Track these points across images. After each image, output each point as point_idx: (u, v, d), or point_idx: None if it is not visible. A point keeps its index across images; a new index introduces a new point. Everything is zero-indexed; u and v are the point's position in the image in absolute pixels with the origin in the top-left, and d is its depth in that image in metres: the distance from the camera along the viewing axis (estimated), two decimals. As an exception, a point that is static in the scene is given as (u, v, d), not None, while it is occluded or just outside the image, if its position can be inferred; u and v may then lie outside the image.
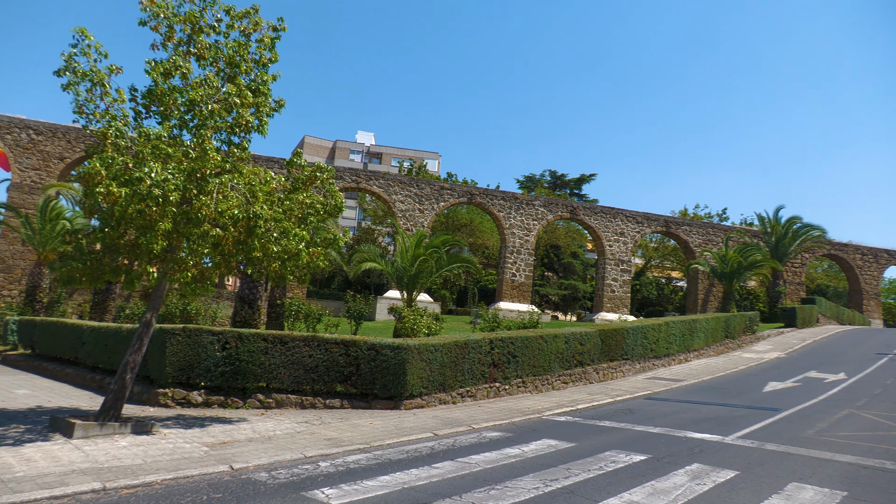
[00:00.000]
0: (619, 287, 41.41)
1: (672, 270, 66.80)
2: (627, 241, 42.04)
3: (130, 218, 8.07)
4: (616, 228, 41.88)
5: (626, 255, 41.90)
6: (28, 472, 6.81)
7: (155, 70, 8.92)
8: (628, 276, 41.90)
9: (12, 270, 31.65)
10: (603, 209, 42.08)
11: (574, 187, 70.42)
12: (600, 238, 41.61)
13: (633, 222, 42.41)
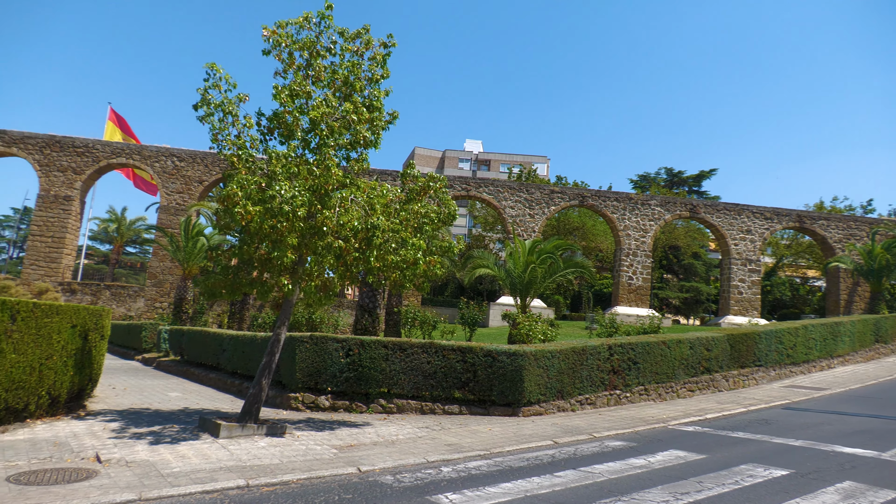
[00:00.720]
0: (747, 288, 38.67)
1: (808, 269, 61.34)
2: (755, 238, 39.20)
3: (264, 233, 8.71)
4: (741, 226, 39.20)
5: (754, 254, 39.06)
6: (183, 467, 7.49)
7: (281, 94, 9.58)
8: (757, 276, 39.02)
9: (163, 285, 35.10)
10: (726, 206, 39.56)
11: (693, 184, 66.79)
12: (724, 237, 39.13)
13: (760, 218, 39.49)
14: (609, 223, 40.31)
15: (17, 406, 9.04)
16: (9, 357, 8.61)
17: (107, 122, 41.57)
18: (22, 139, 35.70)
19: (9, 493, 6.16)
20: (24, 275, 34.99)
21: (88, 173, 36.04)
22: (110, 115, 41.87)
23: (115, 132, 41.23)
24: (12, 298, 8.80)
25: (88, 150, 36.19)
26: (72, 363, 10.18)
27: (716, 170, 65.91)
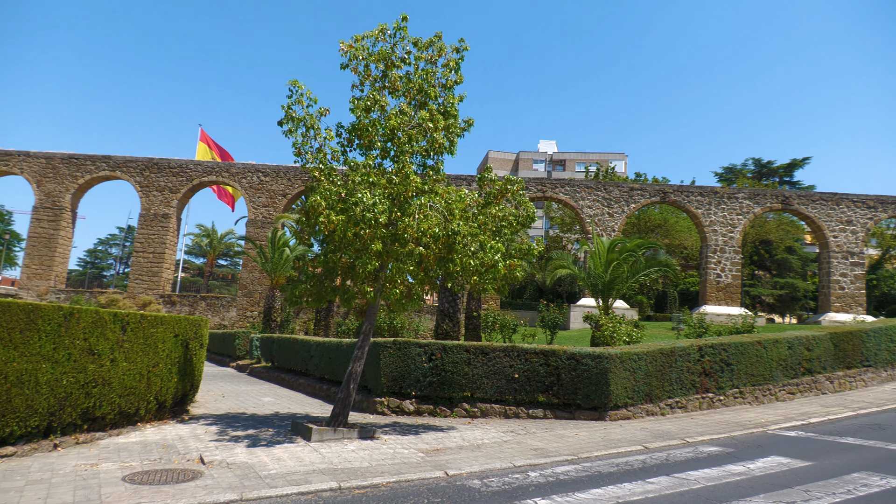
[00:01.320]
0: (850, 283, 36.03)
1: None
2: (857, 229, 36.49)
3: (348, 242, 8.99)
4: (841, 216, 36.60)
5: (857, 247, 36.36)
6: (279, 470, 7.81)
7: (358, 107, 9.85)
8: (860, 270, 36.29)
9: (253, 294, 36.82)
10: (822, 196, 37.08)
11: (784, 174, 63.03)
12: (821, 228, 36.67)
13: (862, 208, 36.73)
14: (693, 219, 38.72)
15: (129, 411, 9.74)
16: (121, 365, 9.29)
17: (198, 142, 44.17)
18: (125, 163, 38.52)
19: (125, 492, 6.63)
20: (130, 288, 37.68)
21: (183, 192, 38.39)
22: (201, 135, 44.44)
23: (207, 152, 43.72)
24: (122, 311, 9.49)
25: (183, 170, 38.56)
26: (175, 370, 10.85)
27: (809, 158, 61.96)
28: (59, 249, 38.05)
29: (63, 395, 8.32)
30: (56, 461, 7.80)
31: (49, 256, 37.55)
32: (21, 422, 7.79)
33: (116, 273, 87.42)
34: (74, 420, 8.68)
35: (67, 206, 38.20)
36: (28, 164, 38.25)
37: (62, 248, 38.38)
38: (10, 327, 7.55)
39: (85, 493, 6.50)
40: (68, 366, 8.34)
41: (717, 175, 66.34)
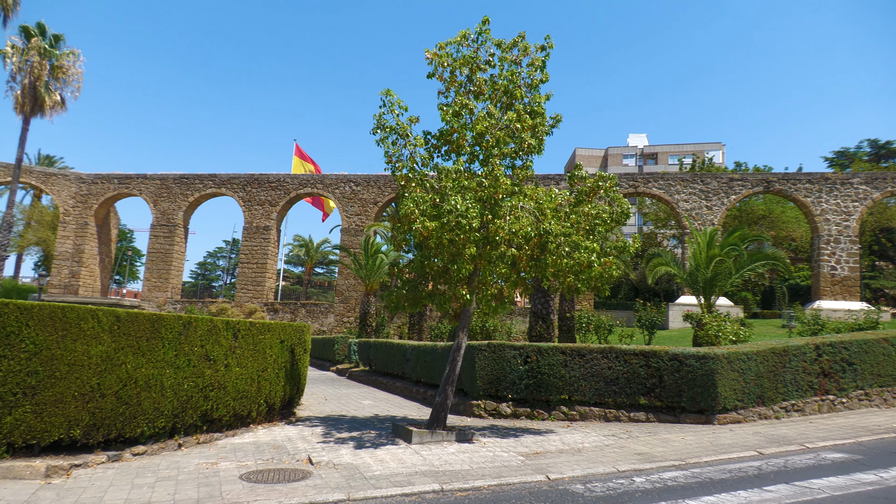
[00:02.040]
0: None
1: None
2: None
3: (442, 247, 9.11)
4: (979, 198, 32.90)
5: None
6: (383, 471, 8.01)
7: (447, 113, 9.97)
8: None
9: (349, 301, 38.09)
10: (955, 176, 33.51)
11: (906, 155, 57.50)
12: (955, 212, 33.12)
13: None
14: (802, 208, 36.15)
15: (242, 413, 10.33)
16: (234, 370, 9.88)
17: (293, 157, 46.32)
18: (228, 180, 41.07)
19: (242, 489, 7.03)
20: (237, 297, 40.05)
21: (282, 204, 40.39)
22: (296, 150, 46.58)
23: (302, 165, 45.77)
24: (234, 319, 10.10)
25: (280, 184, 40.57)
26: (282, 374, 11.41)
27: (936, 135, 56.08)
28: (174, 263, 41.06)
29: (185, 398, 8.96)
30: (181, 460, 8.41)
31: (166, 270, 40.61)
32: (150, 423, 8.45)
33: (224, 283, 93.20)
34: (195, 421, 9.32)
35: (180, 223, 41.17)
36: (146, 185, 41.62)
37: (177, 261, 41.39)
38: (138, 336, 8.23)
39: (208, 489, 6.95)
40: (188, 371, 8.98)
41: (828, 160, 61.58)
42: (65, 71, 29.08)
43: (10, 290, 36.37)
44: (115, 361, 7.91)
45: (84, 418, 7.58)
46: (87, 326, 7.63)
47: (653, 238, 51.62)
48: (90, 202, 41.91)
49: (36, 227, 52.13)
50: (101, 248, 43.20)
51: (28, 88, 27.97)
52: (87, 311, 7.68)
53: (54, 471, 7.20)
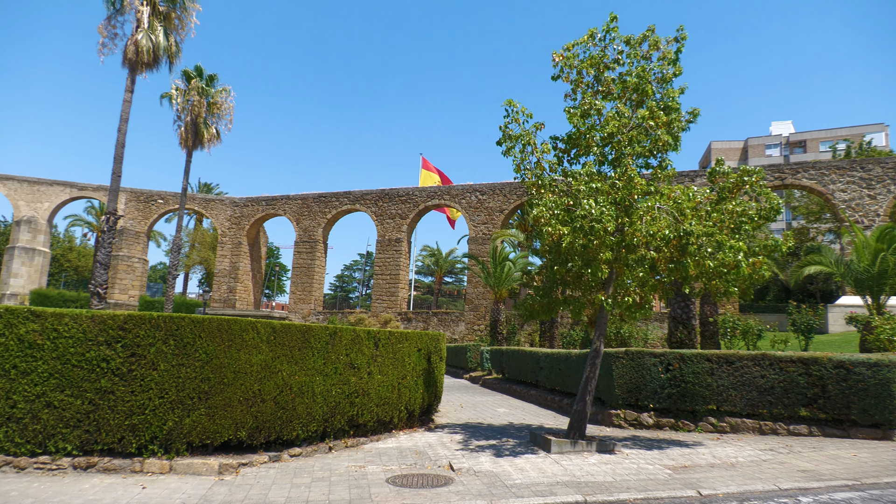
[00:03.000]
0: None
1: None
2: None
3: (576, 252, 8.94)
4: None
5: None
6: (523, 480, 7.97)
7: (574, 115, 9.81)
8: None
9: (478, 309, 38.50)
10: None
11: None
12: None
13: None
14: None
15: (385, 419, 10.78)
16: (376, 378, 10.34)
17: (421, 170, 47.82)
18: (362, 196, 43.27)
19: (389, 493, 7.32)
20: (373, 308, 41.95)
21: (411, 217, 41.81)
22: (423, 163, 48.06)
23: (429, 177, 47.13)
24: (373, 329, 10.59)
25: (409, 198, 42.04)
26: (421, 382, 11.76)
27: None
28: (316, 276, 43.88)
29: (333, 404, 9.51)
30: (332, 462, 8.92)
31: (309, 283, 43.51)
32: (303, 426, 9.07)
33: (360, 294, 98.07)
34: (343, 426, 9.86)
35: (320, 239, 43.98)
36: (289, 205, 44.98)
37: (318, 275, 44.21)
38: (291, 346, 8.88)
39: (358, 491, 7.31)
40: (335, 378, 9.53)
41: None
42: (219, 106, 32.31)
43: (180, 306, 40.82)
44: (273, 369, 8.59)
45: (248, 421, 8.30)
46: (248, 337, 8.36)
47: (804, 233, 47.09)
48: (243, 223, 46.02)
49: (199, 248, 58.23)
50: (252, 264, 47.22)
51: (190, 125, 31.39)
52: (248, 323, 8.42)
53: (225, 468, 7.94)
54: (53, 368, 7.60)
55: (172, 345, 7.87)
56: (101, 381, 7.66)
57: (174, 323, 7.93)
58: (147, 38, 22.87)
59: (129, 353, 7.77)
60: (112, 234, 22.38)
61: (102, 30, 22.82)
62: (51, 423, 7.56)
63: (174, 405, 7.81)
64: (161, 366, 7.80)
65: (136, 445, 7.75)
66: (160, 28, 23.36)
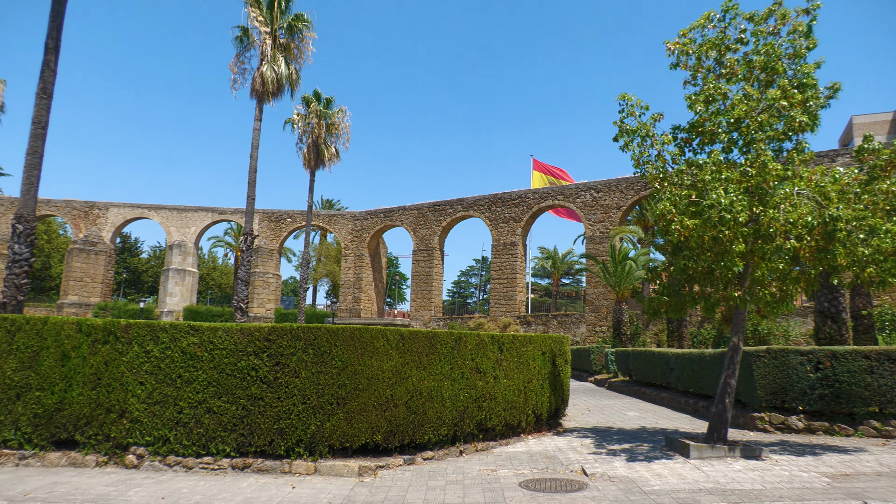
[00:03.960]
0: None
1: None
2: None
3: (706, 247, 8.46)
4: None
5: None
6: (662, 486, 7.65)
7: (696, 102, 9.31)
8: None
9: (599, 310, 37.49)
10: None
11: None
12: None
13: None
14: None
15: (512, 423, 10.79)
16: (502, 382, 10.39)
17: (532, 172, 47.48)
18: (475, 202, 43.71)
19: (523, 497, 7.31)
20: (492, 312, 42.16)
21: (525, 220, 41.61)
22: (534, 165, 47.71)
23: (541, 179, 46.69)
24: (496, 333, 10.66)
25: (522, 200, 41.87)
26: (546, 385, 11.65)
27: None
28: (435, 284, 44.87)
29: (462, 408, 9.68)
30: (463, 465, 9.07)
31: (428, 290, 44.57)
32: (434, 430, 9.30)
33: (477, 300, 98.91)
34: (472, 430, 9.99)
35: (436, 247, 44.94)
36: (405, 216, 46.42)
37: (436, 282, 45.18)
38: (419, 352, 9.15)
39: (492, 495, 7.38)
40: (462, 383, 9.69)
41: None
42: (336, 127, 34.14)
43: (310, 317, 43.39)
44: (403, 375, 8.90)
45: (383, 425, 8.66)
46: (378, 344, 8.73)
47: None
48: (363, 236, 48.11)
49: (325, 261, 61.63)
50: (374, 275, 49.19)
51: (311, 147, 33.41)
52: (378, 331, 8.79)
53: (364, 470, 8.32)
54: (211, 377, 8.37)
55: (311, 353, 8.40)
56: (251, 388, 8.34)
57: (312, 333, 8.46)
58: (271, 69, 24.65)
59: (275, 362, 8.39)
60: (250, 253, 24.26)
61: (233, 66, 24.93)
62: (211, 426, 8.33)
63: (315, 410, 8.31)
64: (302, 373, 8.35)
65: (284, 448, 8.33)
66: (281, 58, 25.10)
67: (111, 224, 47.90)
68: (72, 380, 8.51)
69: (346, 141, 34.88)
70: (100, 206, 47.92)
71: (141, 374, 8.46)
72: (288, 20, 25.58)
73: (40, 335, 8.68)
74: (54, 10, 14.77)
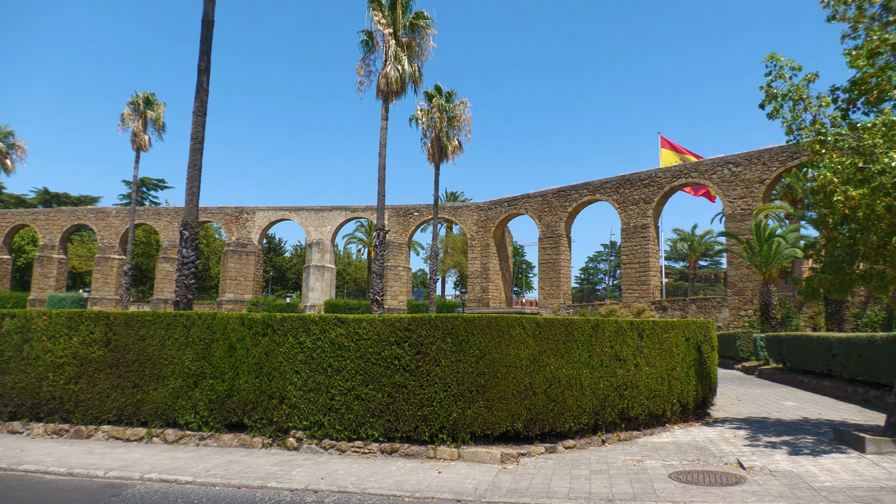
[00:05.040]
0: None
1: None
2: None
3: (878, 217, 7.54)
4: None
5: None
6: (834, 482, 6.97)
7: (857, 57, 8.30)
8: None
9: (743, 292, 34.92)
10: None
11: None
12: None
13: None
14: None
15: (656, 412, 10.36)
16: (643, 370, 10.00)
17: (660, 150, 45.12)
18: (601, 185, 42.37)
19: (675, 489, 6.99)
20: (624, 298, 40.72)
21: (656, 200, 39.65)
22: (662, 142, 45.30)
23: (671, 157, 44.25)
24: (635, 319, 10.27)
25: (652, 180, 39.93)
26: (692, 373, 11.05)
27: None
28: (562, 271, 44.15)
29: (602, 397, 9.44)
30: (606, 455, 8.85)
31: (556, 278, 43.97)
32: (574, 419, 9.17)
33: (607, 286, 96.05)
34: (613, 419, 9.73)
35: (563, 233, 44.16)
36: (529, 203, 46.05)
37: (564, 269, 44.43)
38: (556, 339, 9.05)
39: (640, 486, 7.13)
40: (602, 371, 9.45)
41: None
42: (458, 119, 34.60)
43: (441, 307, 44.48)
44: (540, 363, 8.85)
45: (522, 413, 8.67)
46: (515, 333, 8.74)
47: None
48: (488, 226, 48.41)
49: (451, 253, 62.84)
50: (501, 264, 49.36)
51: (435, 141, 34.14)
52: (514, 319, 8.80)
53: (506, 458, 8.39)
54: (358, 366, 8.85)
55: (450, 342, 8.59)
56: (395, 376, 8.70)
57: (449, 322, 8.66)
58: (394, 68, 25.46)
59: (416, 351, 8.69)
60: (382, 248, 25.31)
61: (359, 69, 26.07)
62: (360, 412, 8.80)
63: (456, 398, 8.51)
64: (442, 362, 8.57)
65: (428, 434, 8.61)
66: (404, 57, 25.83)
67: (258, 226, 52.11)
68: (238, 369, 9.37)
69: (467, 132, 35.25)
70: (248, 210, 52.28)
71: (296, 364, 9.13)
72: (409, 19, 26.23)
73: (210, 329, 9.65)
74: (203, 36, 16.26)
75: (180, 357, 9.65)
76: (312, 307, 48.56)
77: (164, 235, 52.45)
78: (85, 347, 10.00)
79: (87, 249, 65.79)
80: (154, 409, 9.67)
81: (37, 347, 10.20)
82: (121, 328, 9.97)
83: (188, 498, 6.86)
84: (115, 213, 53.81)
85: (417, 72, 26.39)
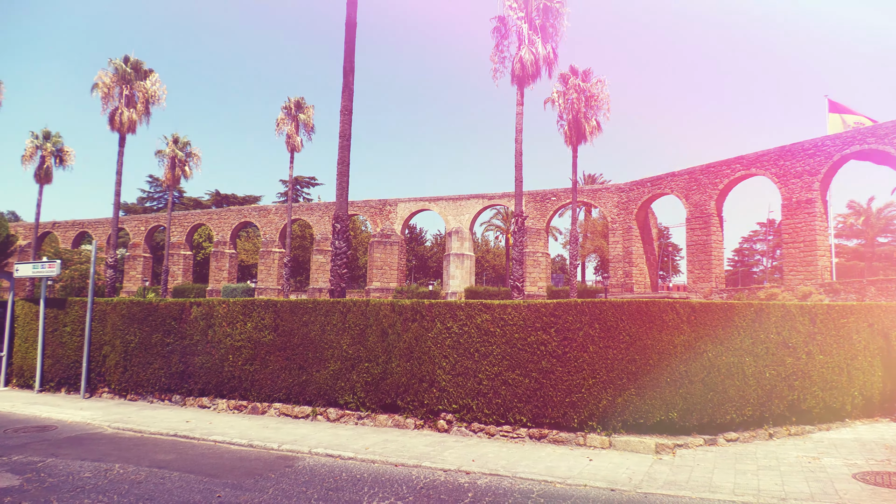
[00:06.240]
0: None
1: None
2: None
3: None
4: None
5: None
6: None
7: None
8: None
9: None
10: None
11: None
12: None
13: None
14: None
15: (833, 405, 9.36)
16: (817, 358, 9.07)
17: (828, 115, 40.40)
18: (756, 159, 38.88)
19: (861, 491, 6.28)
20: (787, 281, 37.15)
21: (824, 172, 35.64)
22: (829, 106, 40.53)
23: (840, 123, 39.48)
24: (808, 303, 9.32)
25: (818, 150, 35.91)
26: (877, 363, 9.83)
27: None
28: (714, 253, 41.21)
29: (768, 387, 8.71)
30: (775, 450, 8.16)
31: (706, 260, 41.16)
32: (737, 410, 8.55)
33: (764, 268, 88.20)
34: (782, 412, 8.94)
35: (713, 212, 41.17)
36: (675, 182, 43.45)
37: (715, 251, 41.45)
38: (713, 325, 8.47)
39: (819, 485, 6.49)
40: (767, 359, 8.71)
41: None
42: (596, 99, 33.43)
43: (581, 293, 43.49)
44: (697, 350, 8.34)
45: (678, 402, 8.24)
46: (667, 318, 8.31)
47: None
48: (630, 208, 46.43)
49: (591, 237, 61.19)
50: (645, 247, 47.16)
51: (572, 123, 33.29)
52: (666, 304, 8.37)
53: (661, 448, 8.03)
54: (504, 351, 8.91)
55: (598, 328, 8.37)
56: (541, 362, 8.65)
57: (597, 308, 8.43)
58: (528, 51, 25.13)
59: (562, 336, 8.57)
60: (521, 234, 25.22)
61: (493, 57, 26.06)
62: (508, 397, 8.87)
63: (606, 385, 8.28)
64: (590, 348, 8.37)
65: (577, 421, 8.47)
66: (537, 39, 25.40)
67: (400, 218, 54.28)
68: (391, 353, 9.85)
69: (606, 111, 33.95)
70: (390, 202, 54.65)
71: (444, 349, 9.40)
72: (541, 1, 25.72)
73: (364, 315, 10.22)
74: (347, 39, 17.13)
75: (338, 341, 10.33)
76: (453, 294, 49.73)
77: (316, 229, 56.40)
78: (257, 332, 11.05)
79: (253, 244, 72.64)
80: (317, 390, 10.46)
81: (218, 332, 11.44)
82: (286, 314, 10.88)
83: (351, 472, 7.35)
84: (275, 210, 58.83)
85: (551, 53, 25.82)
